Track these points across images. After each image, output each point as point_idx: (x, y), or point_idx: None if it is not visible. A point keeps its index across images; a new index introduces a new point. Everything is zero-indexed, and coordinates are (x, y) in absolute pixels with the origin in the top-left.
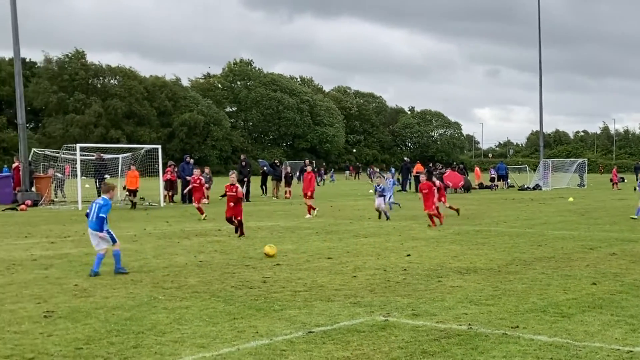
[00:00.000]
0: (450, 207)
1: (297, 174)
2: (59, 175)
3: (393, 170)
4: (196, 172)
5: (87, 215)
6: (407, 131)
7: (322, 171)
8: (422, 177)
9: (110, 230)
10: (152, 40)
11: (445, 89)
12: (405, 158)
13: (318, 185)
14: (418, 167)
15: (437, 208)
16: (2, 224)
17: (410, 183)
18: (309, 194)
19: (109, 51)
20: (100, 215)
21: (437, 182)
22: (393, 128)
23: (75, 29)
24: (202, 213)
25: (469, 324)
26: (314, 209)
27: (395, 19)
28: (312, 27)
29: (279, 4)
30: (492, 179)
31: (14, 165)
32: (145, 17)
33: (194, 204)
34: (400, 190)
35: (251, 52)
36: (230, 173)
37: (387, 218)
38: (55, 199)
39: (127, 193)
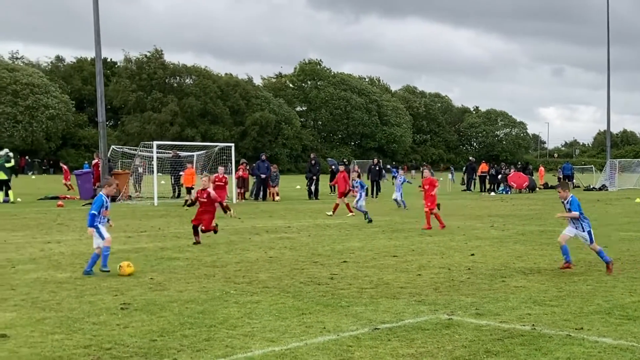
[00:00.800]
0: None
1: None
2: (140, 170)
3: (396, 169)
4: (220, 169)
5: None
6: (473, 131)
7: (396, 170)
8: (426, 173)
9: (99, 227)
10: (224, 41)
11: (509, 88)
12: (470, 158)
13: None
14: (483, 167)
15: (438, 206)
16: (83, 218)
17: (474, 183)
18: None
19: (182, 51)
20: (91, 211)
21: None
22: (459, 127)
23: (151, 30)
24: (227, 211)
25: (533, 325)
26: (351, 211)
27: (460, 19)
28: (377, 28)
29: (344, 5)
30: (558, 179)
31: (93, 162)
32: (217, 18)
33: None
34: (464, 190)
35: (318, 52)
36: (202, 177)
37: (367, 219)
38: (132, 194)
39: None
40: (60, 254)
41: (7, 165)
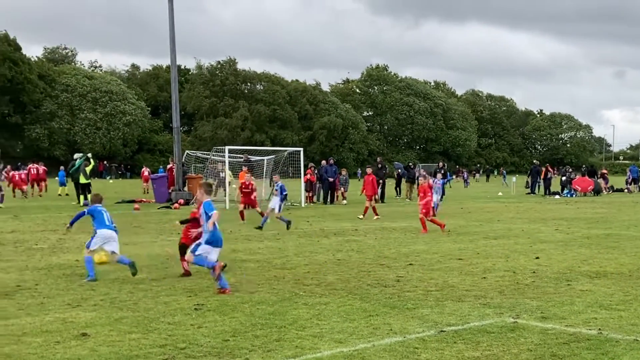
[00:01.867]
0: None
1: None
2: (222, 174)
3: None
4: (246, 176)
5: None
6: (537, 134)
7: (465, 174)
8: (421, 180)
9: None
10: (290, 48)
11: (571, 91)
12: (535, 161)
13: (466, 187)
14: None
15: (433, 209)
16: (158, 221)
17: (539, 186)
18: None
19: (250, 58)
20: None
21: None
22: (523, 131)
23: (220, 38)
24: (243, 219)
25: (599, 329)
26: (377, 215)
27: (519, 23)
28: (437, 32)
29: (404, 10)
30: (626, 181)
31: (168, 166)
32: (283, 25)
33: (239, 206)
34: (529, 193)
35: (381, 57)
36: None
37: (287, 224)
38: (214, 198)
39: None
40: (136, 255)
41: (87, 168)
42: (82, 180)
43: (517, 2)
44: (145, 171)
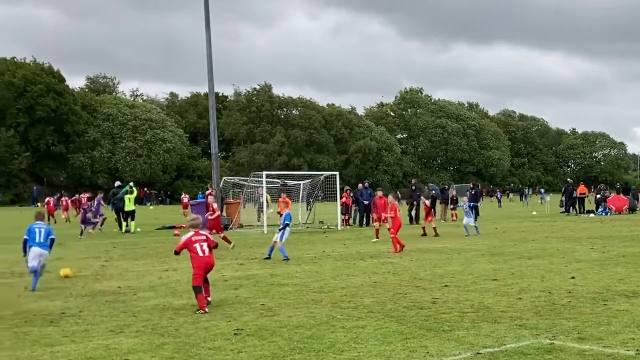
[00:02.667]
0: (434, 228)
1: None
2: (262, 199)
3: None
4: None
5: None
6: (570, 152)
7: (499, 194)
8: (390, 198)
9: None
10: (321, 72)
11: (603, 109)
12: (568, 179)
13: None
14: (581, 189)
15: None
16: None
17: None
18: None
19: (283, 84)
20: (51, 237)
21: (427, 202)
22: (556, 150)
23: (253, 64)
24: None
25: (637, 349)
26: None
27: (548, 43)
28: (467, 54)
29: (432, 34)
30: None
31: (207, 192)
32: (314, 51)
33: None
34: (563, 212)
35: (412, 81)
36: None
37: (285, 258)
38: (258, 223)
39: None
40: (177, 281)
41: (131, 196)
42: (128, 207)
43: (545, 23)
44: (185, 197)
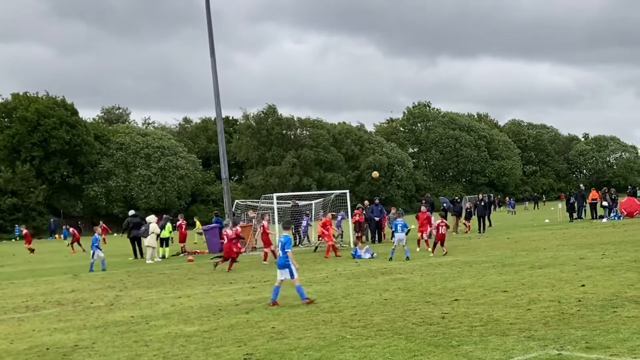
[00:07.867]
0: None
1: (473, 208)
2: (263, 222)
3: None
4: (262, 221)
5: None
6: (581, 158)
7: (512, 202)
8: (423, 208)
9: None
10: (317, 93)
11: (601, 114)
12: (581, 185)
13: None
14: (593, 194)
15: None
16: (211, 271)
17: (585, 210)
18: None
19: (282, 106)
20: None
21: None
22: (567, 156)
23: (251, 88)
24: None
25: None
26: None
27: (534, 54)
28: (455, 68)
29: (417, 50)
30: None
31: (177, 223)
32: (307, 73)
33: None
34: (576, 218)
35: (408, 96)
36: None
37: None
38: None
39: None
40: (189, 307)
41: (167, 224)
42: (164, 235)
43: (526, 38)
44: (183, 223)
